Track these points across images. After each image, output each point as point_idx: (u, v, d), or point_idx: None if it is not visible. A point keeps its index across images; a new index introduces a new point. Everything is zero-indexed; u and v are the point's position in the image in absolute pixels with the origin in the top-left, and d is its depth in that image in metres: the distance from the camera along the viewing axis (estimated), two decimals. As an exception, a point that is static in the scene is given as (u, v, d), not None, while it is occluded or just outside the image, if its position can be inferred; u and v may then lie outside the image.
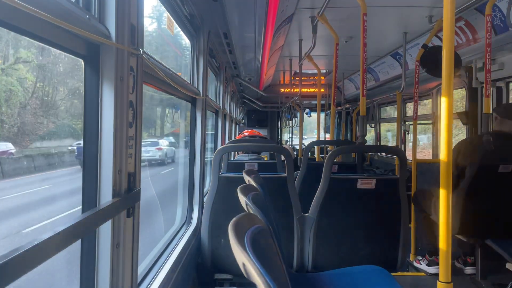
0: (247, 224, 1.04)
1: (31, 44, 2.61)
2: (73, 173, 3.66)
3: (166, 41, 5.45)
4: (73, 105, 3.44)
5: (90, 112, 1.40)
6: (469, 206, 3.04)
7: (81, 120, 1.43)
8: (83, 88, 1.40)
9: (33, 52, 2.73)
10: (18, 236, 3.25)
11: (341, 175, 2.81)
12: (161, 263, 2.33)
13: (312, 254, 2.75)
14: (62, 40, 1.20)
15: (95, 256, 1.41)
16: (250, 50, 4.80)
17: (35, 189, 3.59)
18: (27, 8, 0.89)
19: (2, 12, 0.91)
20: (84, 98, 1.40)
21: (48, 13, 0.96)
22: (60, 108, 3.48)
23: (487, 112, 3.04)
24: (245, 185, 1.73)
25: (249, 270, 0.85)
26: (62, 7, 1.09)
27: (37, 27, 1.06)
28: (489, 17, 3.13)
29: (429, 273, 3.58)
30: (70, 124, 3.65)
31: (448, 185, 2.05)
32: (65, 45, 1.24)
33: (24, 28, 1.02)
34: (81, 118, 1.42)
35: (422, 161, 4.90)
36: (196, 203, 3.33)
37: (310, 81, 9.78)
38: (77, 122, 3.47)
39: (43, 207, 3.83)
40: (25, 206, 3.53)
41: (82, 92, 1.42)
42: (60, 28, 1.10)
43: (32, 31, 1.05)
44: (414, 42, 5.25)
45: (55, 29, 1.12)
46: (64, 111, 3.51)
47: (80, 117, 1.62)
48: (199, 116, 3.36)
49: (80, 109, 1.42)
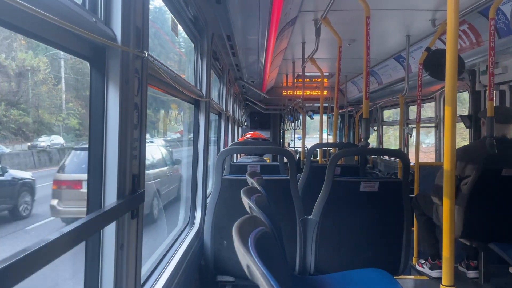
0: (251, 227, 1.05)
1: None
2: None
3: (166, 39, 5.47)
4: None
5: (96, 114, 1.41)
6: (472, 210, 3.04)
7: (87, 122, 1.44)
8: (89, 90, 1.41)
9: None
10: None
11: (344, 178, 2.81)
12: (164, 265, 2.34)
13: (315, 256, 2.75)
14: (69, 42, 1.22)
15: (99, 257, 1.42)
16: (253, 52, 4.81)
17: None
18: (35, 11, 0.90)
19: (12, 15, 0.92)
20: (90, 100, 1.41)
21: (55, 16, 0.98)
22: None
23: (490, 116, 3.04)
24: (248, 188, 1.74)
25: (253, 272, 0.85)
26: (69, 10, 1.10)
27: (44, 30, 1.07)
28: (492, 20, 3.13)
29: (431, 277, 3.57)
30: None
31: (451, 188, 2.05)
32: (72, 47, 1.25)
33: (32, 31, 1.03)
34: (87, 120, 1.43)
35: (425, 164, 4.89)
36: (199, 205, 3.34)
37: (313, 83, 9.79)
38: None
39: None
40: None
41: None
42: (67, 31, 1.11)
43: (40, 34, 1.07)
44: (417, 45, 5.25)
45: (62, 32, 1.13)
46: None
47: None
48: (202, 118, 3.37)
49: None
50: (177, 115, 5.74)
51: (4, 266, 0.77)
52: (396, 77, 6.73)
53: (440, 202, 3.17)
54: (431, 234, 3.62)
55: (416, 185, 4.24)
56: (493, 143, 2.99)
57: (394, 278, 2.20)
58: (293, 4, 3.74)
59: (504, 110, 3.33)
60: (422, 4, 3.93)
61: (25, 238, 3.31)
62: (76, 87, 3.73)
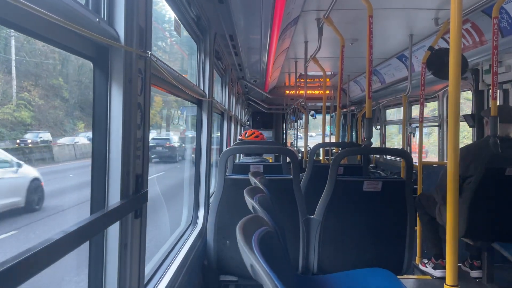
0: (254, 226, 1.05)
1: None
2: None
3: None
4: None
5: (99, 114, 1.41)
6: (476, 209, 3.03)
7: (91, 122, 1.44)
8: (92, 90, 1.42)
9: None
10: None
11: (347, 178, 2.81)
12: (167, 264, 2.35)
13: (318, 256, 2.75)
14: (72, 42, 1.22)
15: (103, 257, 1.42)
16: (255, 52, 4.81)
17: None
18: (39, 11, 0.90)
19: (15, 14, 0.92)
20: (93, 100, 1.42)
21: (59, 16, 0.98)
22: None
23: (494, 115, 3.03)
24: (251, 187, 1.74)
25: (257, 272, 0.85)
26: (72, 10, 1.11)
27: (48, 30, 1.07)
28: (496, 19, 3.12)
29: (435, 277, 3.56)
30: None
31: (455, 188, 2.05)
32: (75, 47, 1.25)
33: (35, 31, 1.03)
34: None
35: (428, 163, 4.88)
36: (202, 204, 3.34)
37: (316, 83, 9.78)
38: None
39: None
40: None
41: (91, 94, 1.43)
42: (70, 31, 1.12)
43: (43, 34, 1.07)
44: (420, 44, 5.24)
45: (65, 32, 1.14)
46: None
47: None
48: (205, 118, 3.38)
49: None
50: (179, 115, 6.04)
51: (9, 266, 0.77)
52: (399, 77, 6.72)
53: (443, 201, 3.16)
54: (434, 233, 3.61)
55: (419, 185, 4.23)
56: (496, 143, 2.99)
57: (397, 278, 2.19)
58: (296, 4, 3.73)
59: (507, 109, 3.32)
60: (425, 3, 3.92)
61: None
62: (36, 74, 3.31)
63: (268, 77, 6.91)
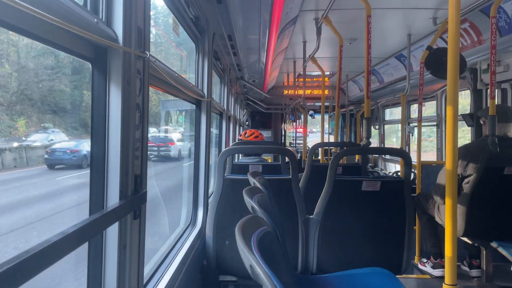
0: (253, 226, 1.05)
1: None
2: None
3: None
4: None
5: (98, 115, 1.41)
6: (475, 208, 3.03)
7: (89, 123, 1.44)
8: (91, 91, 1.42)
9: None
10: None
11: (346, 177, 2.81)
12: (166, 264, 2.35)
13: (317, 256, 2.75)
14: (71, 43, 1.22)
15: (102, 257, 1.42)
16: (254, 52, 4.81)
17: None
18: (37, 13, 0.90)
19: (13, 16, 0.92)
20: (92, 100, 1.41)
21: (57, 17, 0.98)
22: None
23: (492, 114, 3.03)
24: (250, 187, 1.74)
25: (256, 272, 0.85)
26: (70, 11, 1.10)
27: (46, 31, 1.07)
28: (494, 18, 3.12)
29: (434, 276, 3.56)
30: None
31: (453, 187, 2.05)
32: (74, 48, 1.25)
33: (33, 32, 1.03)
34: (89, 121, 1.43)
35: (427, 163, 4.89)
36: (201, 204, 3.34)
37: (314, 83, 9.79)
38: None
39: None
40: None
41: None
42: (68, 32, 1.11)
43: (41, 35, 1.07)
44: (418, 43, 5.24)
45: (63, 33, 1.14)
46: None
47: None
48: (203, 118, 3.38)
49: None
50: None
51: (8, 267, 0.77)
52: (398, 76, 6.73)
53: (442, 201, 3.17)
54: (433, 233, 3.62)
55: (418, 184, 4.23)
56: (495, 142, 2.99)
57: (396, 277, 2.20)
58: (294, 4, 3.74)
59: (505, 109, 3.33)
60: (423, 2, 3.93)
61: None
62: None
63: (266, 77, 6.91)
